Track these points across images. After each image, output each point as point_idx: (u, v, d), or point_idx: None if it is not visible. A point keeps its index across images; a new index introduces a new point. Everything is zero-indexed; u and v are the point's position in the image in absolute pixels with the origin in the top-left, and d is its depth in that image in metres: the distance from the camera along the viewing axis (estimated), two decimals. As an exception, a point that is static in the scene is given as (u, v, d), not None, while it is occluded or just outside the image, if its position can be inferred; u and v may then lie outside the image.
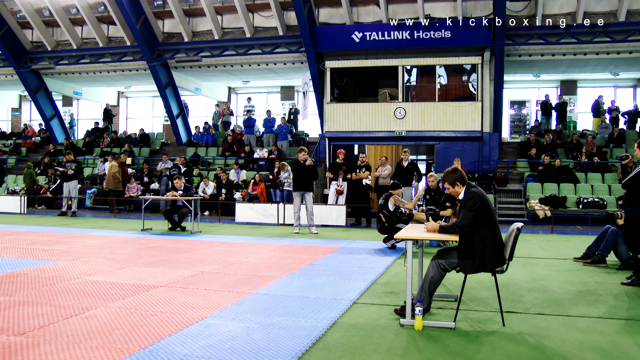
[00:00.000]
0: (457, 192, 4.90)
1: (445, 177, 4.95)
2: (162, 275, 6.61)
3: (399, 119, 18.02)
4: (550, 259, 8.49)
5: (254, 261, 7.88)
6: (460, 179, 4.87)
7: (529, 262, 8.11)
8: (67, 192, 16.41)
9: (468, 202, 4.65)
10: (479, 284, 6.33)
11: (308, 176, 11.89)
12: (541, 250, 9.65)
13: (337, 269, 7.24)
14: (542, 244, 10.60)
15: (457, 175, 4.88)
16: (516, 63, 18.98)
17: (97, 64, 22.19)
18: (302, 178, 11.87)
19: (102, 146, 22.96)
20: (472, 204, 4.62)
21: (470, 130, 17.51)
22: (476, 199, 4.63)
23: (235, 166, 18.49)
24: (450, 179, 4.91)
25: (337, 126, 18.63)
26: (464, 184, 4.87)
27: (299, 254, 8.68)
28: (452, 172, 4.91)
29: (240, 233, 11.97)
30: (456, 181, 4.88)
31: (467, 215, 4.60)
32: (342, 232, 12.45)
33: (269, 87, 25.84)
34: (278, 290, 5.83)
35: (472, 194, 4.68)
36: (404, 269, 7.27)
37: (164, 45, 21.04)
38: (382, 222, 9.47)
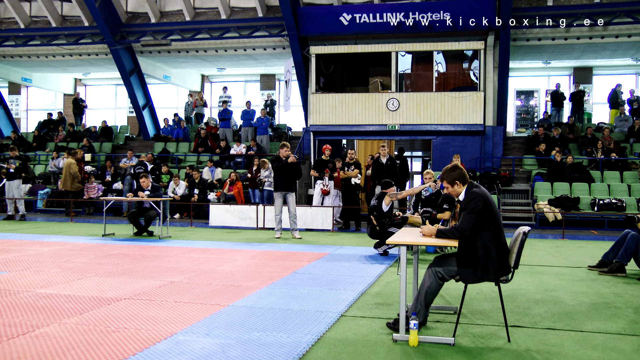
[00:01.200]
0: (456, 192, 4.91)
1: (443, 175, 4.96)
2: (125, 287, 6.55)
3: (391, 111, 18.07)
4: (562, 268, 8.56)
5: (230, 269, 7.84)
6: (461, 177, 4.88)
7: (537, 271, 8.17)
8: (9, 193, 16.19)
9: (469, 203, 4.66)
10: (481, 295, 6.35)
11: (291, 175, 11.88)
12: (551, 257, 9.73)
13: (322, 278, 7.23)
14: (552, 250, 10.68)
15: (457, 173, 4.89)
16: (523, 48, 19.10)
17: (50, 47, 21.90)
18: (284, 177, 11.85)
19: (57, 140, 22.71)
20: (473, 206, 4.63)
21: (471, 123, 17.62)
22: (478, 200, 4.64)
23: (210, 163, 18.41)
24: (449, 177, 4.91)
25: (323, 119, 18.62)
26: (465, 183, 4.88)
27: (280, 262, 8.65)
28: (452, 169, 4.92)
29: (215, 238, 11.91)
30: (456, 180, 4.88)
31: (468, 218, 4.62)
32: (329, 237, 12.44)
33: (247, 75, 25.76)
34: (257, 302, 5.81)
35: (474, 195, 4.69)
36: (398, 277, 7.27)
37: (128, 27, 20.87)
38: (373, 225, 9.48)
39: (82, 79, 27.32)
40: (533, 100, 22.72)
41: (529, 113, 22.67)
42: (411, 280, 6.16)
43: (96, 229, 13.49)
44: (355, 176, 14.17)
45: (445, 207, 9.42)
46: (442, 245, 4.83)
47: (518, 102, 22.69)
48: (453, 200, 9.40)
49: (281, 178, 11.87)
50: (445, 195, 9.50)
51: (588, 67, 22.27)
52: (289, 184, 11.90)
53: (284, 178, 11.86)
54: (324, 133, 18.84)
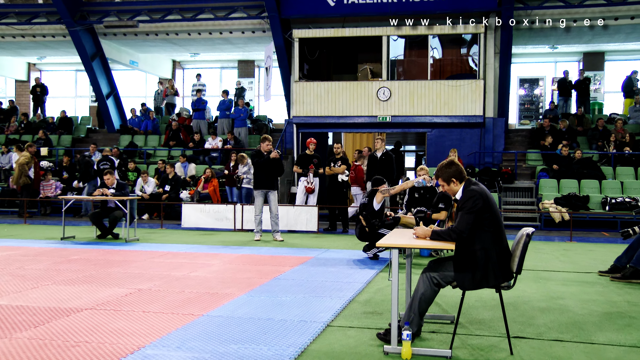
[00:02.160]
0: (453, 191, 4.93)
1: (438, 172, 4.97)
2: (87, 295, 6.51)
3: (382, 101, 18.11)
4: (569, 273, 8.63)
5: (204, 275, 7.83)
6: (457, 174, 4.90)
7: (542, 276, 8.23)
8: None
9: (467, 202, 4.69)
10: (481, 303, 6.39)
11: (273, 171, 11.87)
12: (557, 261, 9.81)
13: (307, 285, 7.24)
14: (559, 253, 10.78)
15: (453, 169, 4.91)
16: (528, 32, 19.19)
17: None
18: (265, 173, 11.85)
19: (8, 133, 22.45)
20: (471, 205, 4.65)
21: (469, 114, 17.71)
22: (476, 198, 4.66)
23: (182, 159, 18.33)
24: (444, 174, 4.93)
25: (307, 110, 18.62)
26: (462, 181, 4.90)
27: (260, 266, 8.65)
28: (447, 166, 4.94)
29: (188, 241, 11.87)
30: (452, 177, 4.90)
31: (466, 218, 4.64)
32: (314, 239, 12.44)
33: (223, 61, 25.67)
34: (234, 311, 5.80)
35: (472, 193, 4.71)
36: (389, 283, 7.29)
37: (89, 6, 20.69)
38: (362, 226, 9.50)
39: (36, 63, 27.01)
40: (538, 89, 22.84)
41: (533, 103, 22.79)
42: (404, 287, 6.18)
43: (54, 231, 13.37)
44: (343, 172, 14.18)
45: (441, 206, 9.44)
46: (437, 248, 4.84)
47: (521, 91, 22.81)
48: (450, 199, 9.43)
49: (262, 175, 11.86)
50: (441, 194, 9.53)
51: (599, 52, 22.40)
52: (270, 182, 11.89)
53: (265, 175, 11.85)
54: (308, 125, 18.83)
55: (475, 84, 17.70)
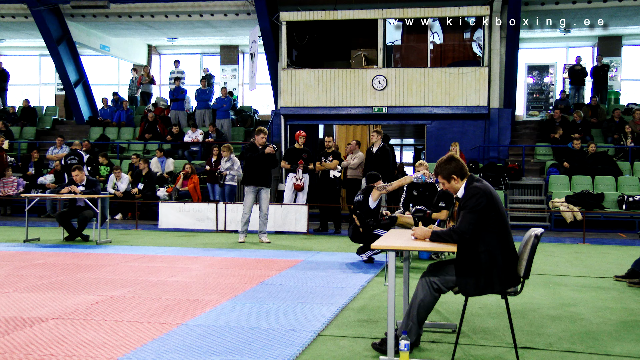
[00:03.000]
0: (454, 189, 4.93)
1: (438, 168, 4.98)
2: (53, 304, 6.47)
3: (378, 90, 18.12)
4: (582, 277, 8.65)
5: (183, 281, 7.81)
6: (458, 170, 4.91)
7: (552, 281, 8.26)
8: None
9: (469, 200, 4.69)
10: (485, 310, 6.41)
11: (267, 166, 11.92)
12: (569, 265, 9.85)
13: (295, 290, 7.24)
14: (571, 256, 10.83)
15: (454, 165, 4.91)
16: (537, 14, 19.13)
17: (-52, 5, 21.32)
18: (259, 168, 11.88)
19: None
20: (474, 203, 4.66)
21: (473, 105, 17.74)
22: (480, 196, 4.67)
23: (159, 153, 18.28)
24: (444, 171, 4.94)
25: (295, 100, 18.60)
26: (464, 178, 4.90)
27: (245, 270, 8.64)
28: (447, 162, 4.94)
29: (166, 243, 11.85)
30: (452, 174, 4.91)
31: (468, 218, 4.64)
32: (303, 241, 12.45)
33: (204, 46, 25.60)
34: (216, 320, 5.79)
35: (475, 190, 4.72)
36: (385, 289, 7.29)
37: (55, -16, 20.58)
38: (356, 226, 9.50)
39: (-5, 47, 26.87)
40: (548, 77, 22.90)
41: (542, 92, 22.85)
42: (401, 293, 6.18)
43: (16, 233, 13.30)
44: (335, 168, 14.18)
45: (442, 205, 9.46)
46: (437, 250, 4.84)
47: (530, 79, 22.88)
48: (451, 197, 9.45)
49: (255, 170, 11.86)
50: (442, 192, 9.55)
51: (616, 37, 22.42)
52: (264, 178, 11.90)
53: (258, 170, 11.86)
54: (296, 117, 18.81)
55: (479, 72, 17.74)
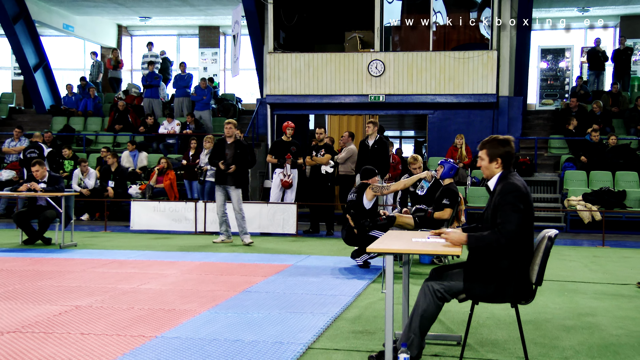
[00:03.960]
0: (488, 172, 4.89)
1: (488, 143, 4.92)
2: (10, 315, 6.44)
3: (375, 76, 18.10)
4: (601, 285, 8.66)
5: (159, 288, 7.80)
6: (507, 157, 4.86)
7: (568, 288, 8.27)
8: None
9: (508, 196, 4.63)
10: (493, 320, 6.42)
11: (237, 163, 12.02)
12: (587, 270, 9.87)
13: (283, 298, 7.24)
14: (588, 261, 10.85)
15: (506, 150, 4.85)
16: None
17: None
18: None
19: None
20: (515, 200, 4.60)
21: (480, 93, 17.75)
22: (522, 196, 4.62)
23: (131, 146, 18.21)
24: (494, 150, 4.87)
25: (283, 87, 18.56)
26: (506, 168, 4.87)
27: (227, 277, 8.64)
28: (503, 142, 4.88)
29: (139, 246, 11.83)
30: (499, 157, 4.86)
31: (514, 218, 4.58)
32: (292, 243, 12.45)
33: (181, 27, 25.52)
34: (195, 332, 5.78)
35: (515, 187, 4.66)
36: (382, 296, 7.28)
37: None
38: (350, 227, 9.49)
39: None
40: (564, 61, 22.88)
41: (557, 79, 22.84)
42: (400, 301, 6.19)
43: (-26, 235, 13.24)
44: (327, 163, 14.16)
45: (445, 202, 9.42)
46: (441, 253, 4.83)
47: (543, 64, 22.88)
48: (455, 194, 9.45)
49: (222, 169, 12.06)
50: (445, 187, 9.53)
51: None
52: (232, 177, 12.01)
53: (225, 170, 12.06)
54: (284, 106, 18.78)
55: (487, 56, 17.75)
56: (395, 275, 4.71)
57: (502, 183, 4.76)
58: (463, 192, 15.04)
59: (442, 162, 9.73)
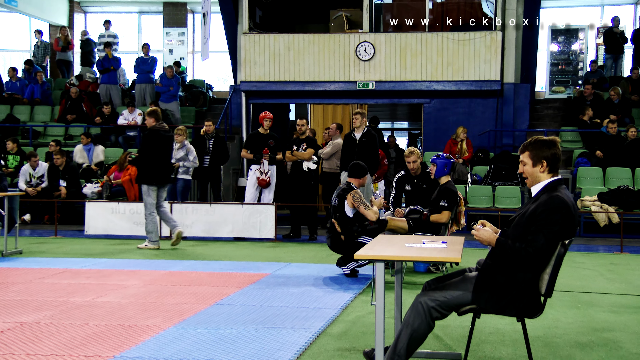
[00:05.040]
0: (533, 178, 4.86)
1: (531, 145, 4.88)
2: (-49, 329, 6.40)
3: (363, 61, 18.11)
4: (620, 295, 8.69)
5: (117, 301, 7.76)
6: (554, 161, 4.82)
7: (581, 300, 8.30)
8: None
9: (552, 214, 4.61)
10: (497, 336, 6.44)
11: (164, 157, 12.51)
12: (603, 279, 9.91)
13: (260, 312, 7.24)
14: (605, 269, 10.89)
15: (552, 153, 4.81)
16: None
17: None
18: (159, 160, 12.37)
19: None
20: (560, 219, 4.60)
21: (482, 79, 17.80)
22: (567, 216, 4.61)
23: (85, 139, 18.13)
24: (538, 152, 4.82)
25: (260, 73, 18.53)
26: (553, 172, 4.83)
27: (196, 287, 8.62)
28: (548, 144, 4.84)
29: (94, 253, 11.78)
30: (544, 159, 4.81)
31: (548, 236, 4.58)
32: (270, 250, 12.46)
33: (143, 3, 25.43)
34: (159, 351, 5.77)
35: (562, 204, 4.63)
36: (372, 309, 7.29)
37: None
38: (336, 232, 9.49)
39: None
40: (577, 43, 22.82)
41: (570, 63, 22.80)
42: (392, 314, 6.21)
43: None
44: (309, 159, 14.14)
45: (443, 204, 9.42)
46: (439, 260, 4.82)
47: (554, 46, 22.85)
48: (454, 195, 9.44)
49: (158, 164, 12.38)
50: (443, 187, 9.52)
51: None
52: (167, 174, 12.62)
53: (159, 163, 12.39)
54: (261, 94, 18.75)
55: (491, 38, 17.80)
56: (386, 285, 4.71)
57: (549, 194, 4.72)
58: (463, 191, 15.13)
59: (434, 159, 9.71)
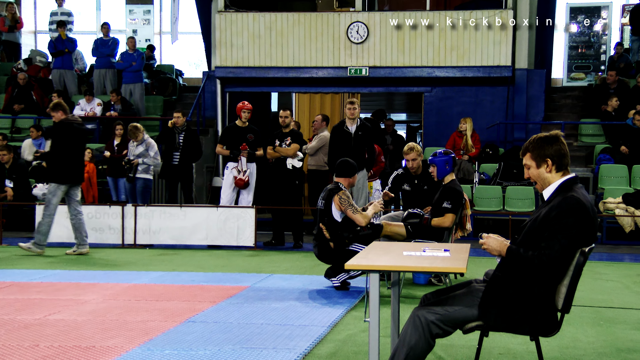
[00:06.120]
0: (541, 180, 4.86)
1: (532, 144, 4.88)
2: None
3: (356, 43, 18.12)
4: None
5: (73, 319, 7.74)
6: (559, 158, 4.80)
7: (604, 316, 8.31)
8: None
9: (567, 217, 4.58)
10: (508, 356, 6.46)
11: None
12: (629, 293, 9.95)
13: (238, 330, 7.23)
14: (630, 281, 10.94)
15: (556, 149, 4.79)
16: None
17: None
18: (70, 157, 12.62)
19: None
20: (574, 223, 4.57)
21: (491, 65, 17.84)
22: (585, 217, 4.59)
23: (35, 132, 18.10)
24: (539, 150, 4.82)
25: (238, 57, 18.53)
26: (560, 171, 4.82)
27: (164, 303, 8.62)
28: (549, 140, 4.83)
29: (46, 264, 11.77)
30: (547, 157, 4.80)
31: (564, 243, 4.56)
32: (249, 259, 12.50)
33: (102, -24, 25.42)
34: (121, 375, 5.77)
35: (578, 204, 4.60)
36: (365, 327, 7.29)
37: None
38: (325, 239, 9.49)
39: None
40: (599, 23, 22.82)
41: (591, 46, 22.79)
42: (388, 332, 6.23)
43: None
44: (294, 155, 14.13)
45: (446, 206, 9.42)
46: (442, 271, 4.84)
47: (573, 27, 22.82)
48: (459, 195, 9.45)
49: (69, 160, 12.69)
50: (447, 187, 9.53)
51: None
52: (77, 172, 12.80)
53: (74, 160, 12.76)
54: (239, 81, 18.77)
55: (501, 17, 17.81)
56: (381, 299, 4.72)
57: (562, 195, 4.70)
58: (469, 192, 15.17)
59: (431, 159, 9.64)
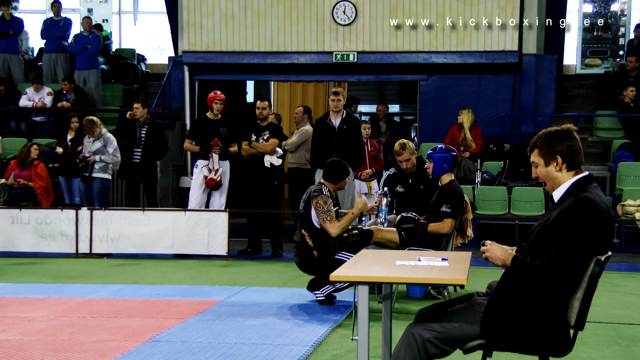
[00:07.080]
0: (550, 179, 4.86)
1: (540, 139, 4.89)
2: None
3: (342, 25, 18.13)
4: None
5: (19, 339, 7.73)
6: (570, 155, 4.80)
7: (623, 334, 8.32)
8: None
9: (581, 218, 4.58)
10: (514, 378, 6.49)
11: None
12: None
13: (208, 351, 7.23)
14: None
15: (566, 146, 4.79)
16: None
17: None
18: None
19: None
20: (588, 227, 4.56)
21: (495, 50, 17.88)
22: (600, 221, 4.59)
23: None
24: (548, 146, 4.82)
25: (208, 41, 18.53)
26: (572, 170, 4.82)
27: (124, 320, 8.61)
28: (559, 135, 4.83)
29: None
30: (557, 154, 4.80)
31: (575, 249, 4.55)
32: (221, 270, 12.56)
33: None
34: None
35: (592, 205, 4.60)
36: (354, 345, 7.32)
37: None
38: (307, 247, 9.50)
39: None
40: (617, 3, 22.84)
41: (608, 29, 22.82)
42: (379, 352, 6.24)
43: None
44: (272, 152, 14.14)
45: (445, 209, 9.44)
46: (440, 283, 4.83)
47: (588, 6, 22.83)
48: (459, 198, 9.46)
49: None
50: (445, 187, 9.55)
51: None
52: None
53: None
54: (210, 68, 18.77)
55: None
56: (371, 315, 4.73)
57: (574, 197, 4.69)
58: (470, 194, 15.20)
59: (430, 153, 9.67)
